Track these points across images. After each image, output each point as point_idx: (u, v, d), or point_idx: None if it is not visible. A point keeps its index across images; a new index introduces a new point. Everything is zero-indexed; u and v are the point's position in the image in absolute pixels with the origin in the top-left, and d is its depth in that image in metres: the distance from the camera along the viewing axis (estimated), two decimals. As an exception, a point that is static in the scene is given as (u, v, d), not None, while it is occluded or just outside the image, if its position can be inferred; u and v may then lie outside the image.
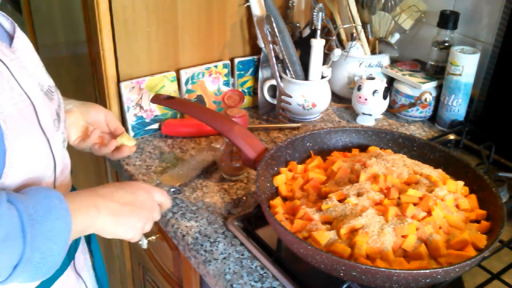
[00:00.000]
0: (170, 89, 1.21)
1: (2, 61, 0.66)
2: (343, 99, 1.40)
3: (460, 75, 1.18)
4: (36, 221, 0.59)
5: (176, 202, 0.98)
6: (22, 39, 0.75)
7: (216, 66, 1.26)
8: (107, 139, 0.98)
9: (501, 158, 1.12)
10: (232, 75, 1.30)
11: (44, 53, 1.48)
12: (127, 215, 0.72)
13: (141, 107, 1.18)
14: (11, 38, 0.73)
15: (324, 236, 0.76)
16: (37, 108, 0.70)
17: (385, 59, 1.35)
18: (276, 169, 0.93)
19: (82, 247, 0.91)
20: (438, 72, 1.27)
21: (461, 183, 0.88)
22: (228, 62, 1.27)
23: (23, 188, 0.65)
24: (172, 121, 1.21)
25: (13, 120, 0.65)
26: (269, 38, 1.21)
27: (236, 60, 1.29)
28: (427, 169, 0.90)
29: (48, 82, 0.77)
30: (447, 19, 1.22)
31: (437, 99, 1.28)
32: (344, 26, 1.32)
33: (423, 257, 0.74)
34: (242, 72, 1.31)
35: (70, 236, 0.63)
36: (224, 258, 0.85)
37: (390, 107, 1.31)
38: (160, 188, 0.85)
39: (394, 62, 1.38)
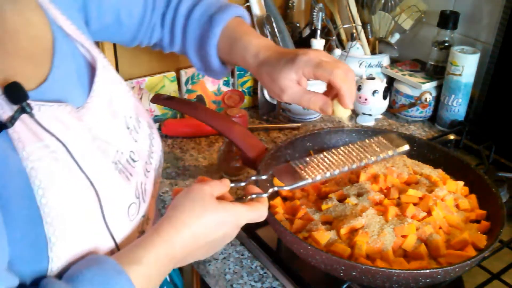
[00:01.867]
0: (170, 89, 1.21)
1: (59, 140, 0.52)
2: (343, 99, 1.40)
3: (460, 75, 1.18)
4: None
5: (176, 202, 0.98)
6: (104, 83, 0.62)
7: (216, 66, 1.26)
8: None
9: (501, 158, 1.12)
10: (232, 75, 1.30)
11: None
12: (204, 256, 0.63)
13: (141, 107, 1.18)
14: (94, 73, 0.62)
15: (324, 236, 0.75)
16: (102, 198, 0.55)
17: (385, 59, 1.35)
18: (276, 169, 0.93)
19: None
20: (438, 72, 1.27)
21: (461, 183, 0.88)
22: (228, 62, 1.27)
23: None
24: (172, 121, 1.21)
25: (63, 212, 0.51)
26: (269, 38, 1.21)
27: (236, 60, 1.29)
28: (427, 169, 0.90)
29: (131, 145, 0.63)
30: (447, 19, 1.22)
31: (437, 99, 1.28)
32: (344, 26, 1.32)
33: (423, 257, 0.74)
34: (242, 72, 1.31)
35: None
36: (224, 258, 0.85)
37: (390, 107, 1.31)
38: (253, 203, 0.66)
39: (394, 62, 1.38)
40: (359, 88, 1.24)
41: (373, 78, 1.25)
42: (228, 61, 0.81)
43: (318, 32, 1.20)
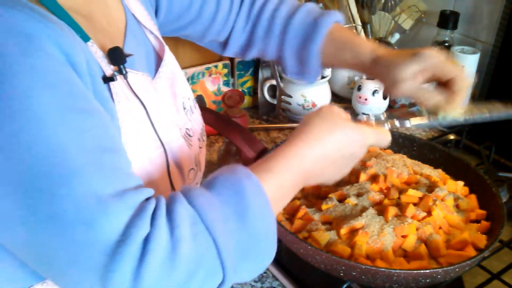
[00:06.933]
0: (170, 89, 1.21)
1: (141, 102, 0.60)
2: (343, 99, 1.40)
3: (460, 75, 1.18)
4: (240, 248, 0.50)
5: (176, 202, 0.98)
6: (169, 67, 0.70)
7: (216, 66, 1.26)
8: None
9: (501, 158, 1.12)
10: (232, 75, 1.30)
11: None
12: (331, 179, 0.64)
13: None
14: (159, 58, 0.69)
15: (324, 236, 0.75)
16: (170, 157, 0.63)
17: (385, 59, 1.34)
18: (276, 169, 0.93)
19: None
20: (438, 72, 1.27)
21: (461, 183, 0.88)
22: (228, 62, 1.27)
23: None
24: (172, 121, 1.21)
25: (142, 170, 0.58)
26: (269, 38, 1.21)
27: (236, 60, 1.29)
28: (427, 169, 0.90)
29: (186, 123, 0.71)
30: (447, 19, 1.22)
31: (437, 99, 1.28)
32: (344, 26, 1.32)
33: (423, 257, 0.73)
34: (242, 72, 1.31)
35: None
36: (224, 258, 0.85)
37: (390, 107, 1.31)
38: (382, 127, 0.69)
39: (394, 62, 1.37)
40: (359, 88, 1.24)
41: (373, 78, 1.25)
42: (328, 63, 0.83)
43: (318, 32, 1.20)
